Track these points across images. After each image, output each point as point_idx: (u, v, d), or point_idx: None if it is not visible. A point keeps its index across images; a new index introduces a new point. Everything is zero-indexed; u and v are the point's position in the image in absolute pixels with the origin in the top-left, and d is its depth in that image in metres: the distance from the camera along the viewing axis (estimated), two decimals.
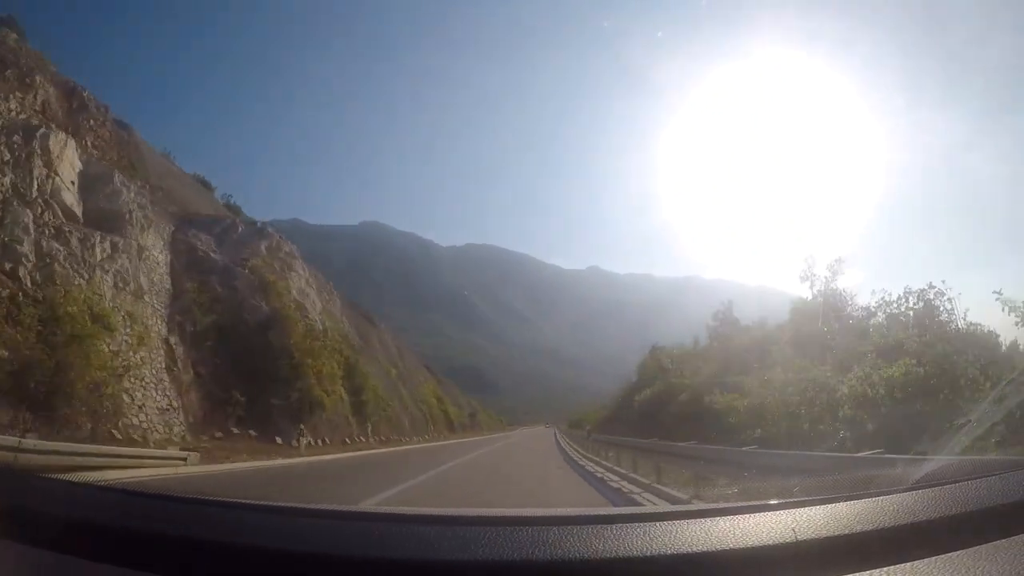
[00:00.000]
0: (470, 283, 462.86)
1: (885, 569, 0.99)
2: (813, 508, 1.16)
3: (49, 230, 14.55)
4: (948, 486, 1.23)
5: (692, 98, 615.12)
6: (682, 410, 19.08)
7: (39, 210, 14.60)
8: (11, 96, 16.26)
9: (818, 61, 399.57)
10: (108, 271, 16.00)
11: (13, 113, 15.93)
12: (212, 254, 24.33)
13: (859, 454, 5.45)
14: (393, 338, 50.89)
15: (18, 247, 13.21)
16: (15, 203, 13.76)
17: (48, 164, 15.23)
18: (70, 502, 1.35)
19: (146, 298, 17.64)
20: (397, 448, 26.18)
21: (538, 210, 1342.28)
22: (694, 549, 1.02)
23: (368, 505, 6.09)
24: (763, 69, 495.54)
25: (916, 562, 1.01)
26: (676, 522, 1.11)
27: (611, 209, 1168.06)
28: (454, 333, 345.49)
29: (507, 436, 49.01)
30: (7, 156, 14.13)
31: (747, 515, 1.16)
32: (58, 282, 13.61)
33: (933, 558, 1.02)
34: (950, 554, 1.02)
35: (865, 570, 1.00)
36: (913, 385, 10.49)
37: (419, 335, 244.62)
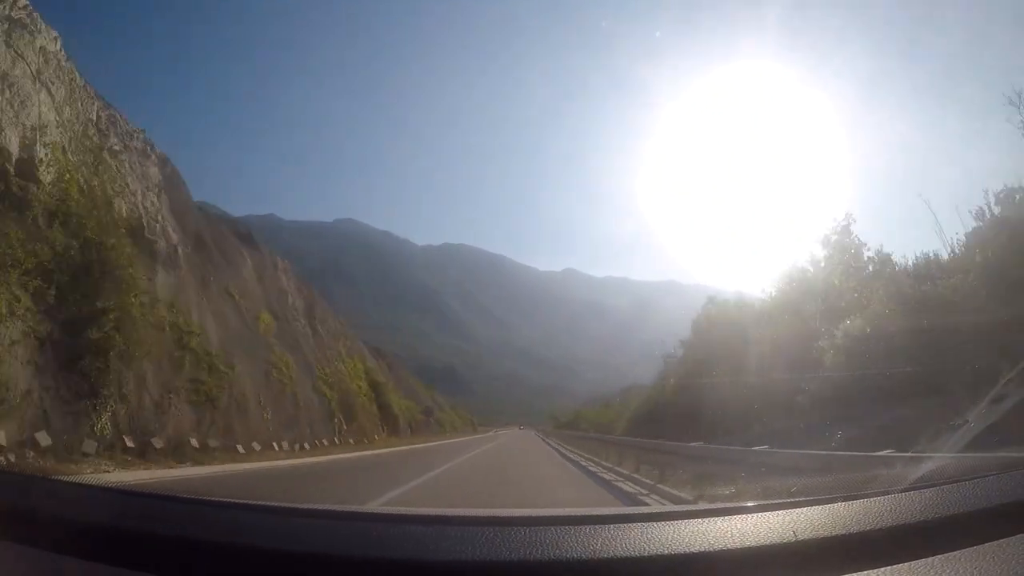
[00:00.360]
0: (446, 283, 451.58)
1: (885, 569, 0.97)
2: (812, 508, 1.13)
3: None
4: (947, 486, 1.21)
5: (675, 104, 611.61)
6: None
7: None
8: None
9: (799, 70, 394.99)
10: None
11: None
12: None
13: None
14: (300, 285, 31.43)
15: None
16: None
17: None
18: (69, 503, 1.33)
19: None
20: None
21: (514, 212, 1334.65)
22: (692, 549, 0.98)
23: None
24: (746, 78, 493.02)
25: (915, 562, 0.99)
26: (674, 522, 1.09)
27: (588, 212, 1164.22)
28: (430, 333, 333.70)
29: (473, 446, 29.34)
30: None
31: (746, 515, 1.14)
32: None
33: (933, 558, 0.99)
34: (950, 554, 1.00)
35: (865, 570, 0.97)
36: None
37: (394, 333, 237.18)
